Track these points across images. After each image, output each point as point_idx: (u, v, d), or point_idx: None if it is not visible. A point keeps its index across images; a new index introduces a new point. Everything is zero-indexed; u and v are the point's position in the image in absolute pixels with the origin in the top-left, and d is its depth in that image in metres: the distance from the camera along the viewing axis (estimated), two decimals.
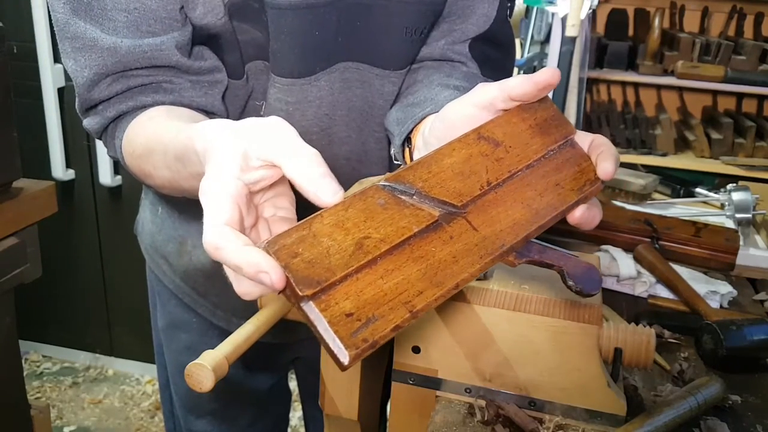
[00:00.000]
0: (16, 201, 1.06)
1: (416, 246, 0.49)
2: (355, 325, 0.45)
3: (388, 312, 0.46)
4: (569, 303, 0.66)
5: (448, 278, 0.49)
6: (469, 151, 0.56)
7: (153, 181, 0.68)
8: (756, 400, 0.76)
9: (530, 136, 0.59)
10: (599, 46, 2.62)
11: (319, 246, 0.46)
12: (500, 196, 0.55)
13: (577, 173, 0.59)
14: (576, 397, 0.67)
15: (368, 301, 0.46)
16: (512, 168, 0.56)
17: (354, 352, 0.44)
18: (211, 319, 0.96)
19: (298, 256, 0.45)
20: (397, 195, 0.50)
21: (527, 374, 0.68)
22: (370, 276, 0.47)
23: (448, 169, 0.54)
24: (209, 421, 1.04)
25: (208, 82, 0.74)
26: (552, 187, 0.57)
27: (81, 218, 2.27)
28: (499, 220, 0.54)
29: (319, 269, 0.45)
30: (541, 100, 0.61)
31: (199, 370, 0.55)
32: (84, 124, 0.76)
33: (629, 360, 0.67)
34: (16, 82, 1.05)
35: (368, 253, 0.47)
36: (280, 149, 0.48)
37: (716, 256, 1.07)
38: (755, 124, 2.57)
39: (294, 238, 0.45)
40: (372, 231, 0.48)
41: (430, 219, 0.50)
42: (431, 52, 0.86)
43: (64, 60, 0.71)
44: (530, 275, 0.71)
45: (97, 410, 2.28)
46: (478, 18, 0.85)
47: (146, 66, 0.70)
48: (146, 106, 0.71)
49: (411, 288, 0.47)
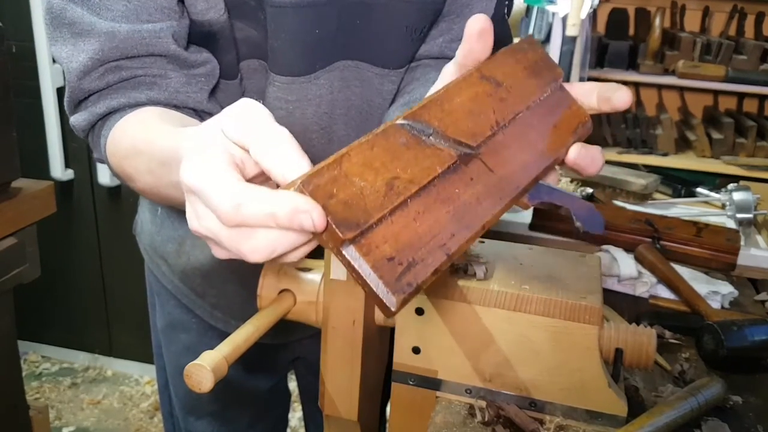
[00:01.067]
0: (15, 201, 1.06)
1: (441, 188, 0.48)
2: (398, 270, 0.43)
3: (426, 255, 0.45)
4: (569, 303, 0.65)
5: (475, 220, 0.49)
6: (475, 90, 0.55)
7: (135, 184, 0.66)
8: (757, 400, 0.75)
9: (525, 77, 0.59)
10: (600, 45, 2.62)
11: (352, 186, 0.43)
12: (508, 137, 0.55)
13: (570, 115, 0.60)
14: (576, 398, 0.67)
15: (406, 245, 0.45)
16: (515, 109, 0.57)
17: (401, 297, 0.43)
18: (209, 321, 0.96)
19: (333, 197, 0.42)
20: (416, 134, 0.49)
21: (528, 375, 0.67)
22: (404, 218, 0.45)
23: (459, 108, 0.53)
24: (208, 421, 1.04)
25: (204, 77, 0.73)
26: (551, 129, 0.58)
27: (80, 218, 2.27)
28: (510, 161, 0.54)
29: (357, 211, 0.43)
30: (530, 43, 0.61)
31: (198, 371, 0.55)
32: (71, 121, 0.73)
33: (630, 360, 0.66)
34: (15, 81, 1.05)
35: (400, 195, 0.45)
36: (249, 133, 0.45)
37: (717, 256, 1.07)
38: (756, 124, 2.57)
39: (327, 177, 0.43)
40: (400, 171, 0.46)
41: (451, 160, 0.50)
42: (429, 51, 0.86)
43: (57, 49, 0.69)
44: (531, 275, 0.70)
45: (96, 411, 2.27)
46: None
47: (143, 54, 0.68)
48: (139, 104, 0.69)
49: (443, 231, 0.47)
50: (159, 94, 0.70)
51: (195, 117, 0.72)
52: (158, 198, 0.65)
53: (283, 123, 0.80)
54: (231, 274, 0.90)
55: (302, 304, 0.71)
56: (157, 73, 0.70)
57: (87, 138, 0.74)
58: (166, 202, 0.63)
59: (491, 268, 0.71)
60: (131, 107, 0.69)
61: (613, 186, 1.43)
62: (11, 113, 1.04)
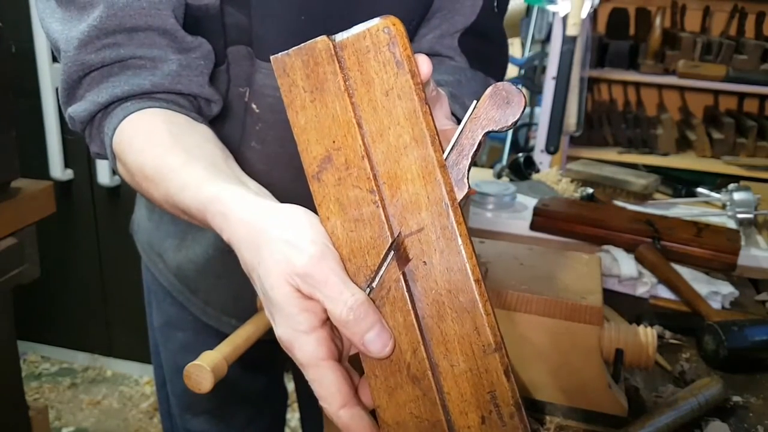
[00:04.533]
0: (15, 201, 1.06)
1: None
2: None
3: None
4: (570, 303, 0.65)
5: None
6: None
7: (142, 194, 0.65)
8: (757, 400, 0.75)
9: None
10: (600, 45, 2.62)
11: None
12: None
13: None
14: (577, 399, 0.67)
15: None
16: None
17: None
18: (202, 318, 0.96)
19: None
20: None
21: (528, 375, 0.67)
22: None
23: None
24: (206, 419, 1.04)
25: (202, 60, 0.72)
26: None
27: (79, 218, 2.27)
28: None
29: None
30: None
31: (198, 371, 0.55)
32: (69, 112, 0.69)
33: (630, 361, 0.66)
34: (15, 81, 1.05)
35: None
36: (323, 289, 0.44)
37: (718, 256, 1.06)
38: (757, 124, 2.57)
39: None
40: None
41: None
42: (419, 47, 0.86)
43: (52, 22, 0.67)
44: (531, 275, 0.70)
45: (95, 411, 2.27)
46: (465, 9, 0.85)
47: (142, 26, 0.66)
48: (143, 91, 0.67)
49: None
50: (162, 78, 0.68)
51: (193, 105, 0.71)
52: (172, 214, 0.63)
53: (272, 110, 0.79)
54: (222, 268, 0.90)
55: None
56: (157, 55, 0.68)
57: (83, 131, 0.71)
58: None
59: (491, 269, 0.71)
60: (135, 96, 0.67)
61: (613, 186, 1.43)
62: (11, 113, 1.03)
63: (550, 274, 0.71)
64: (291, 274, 0.44)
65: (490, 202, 1.27)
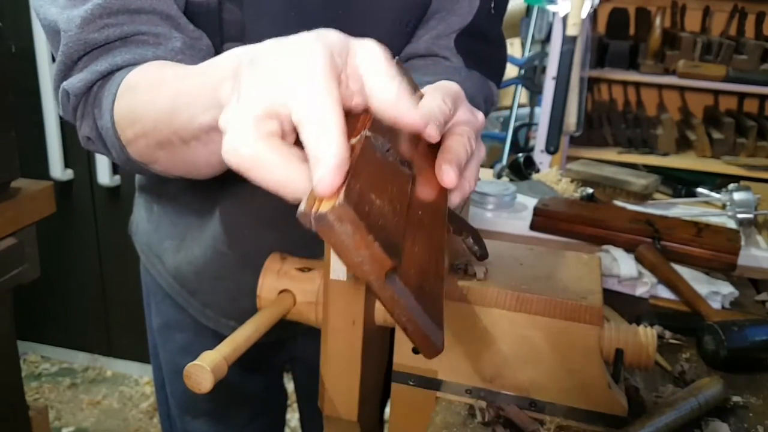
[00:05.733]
0: (14, 201, 1.06)
1: (413, 211, 0.44)
2: (428, 301, 0.38)
3: (433, 283, 0.40)
4: (570, 303, 0.65)
5: (441, 243, 0.46)
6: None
7: (148, 139, 0.59)
8: (758, 401, 0.75)
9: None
10: (600, 45, 2.62)
11: (374, 205, 0.37)
12: (419, 160, 0.50)
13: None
14: (577, 398, 0.67)
15: (423, 272, 0.39)
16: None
17: (443, 331, 0.38)
18: (201, 320, 0.96)
19: (369, 217, 0.35)
20: (380, 150, 0.44)
21: (528, 375, 0.67)
22: (411, 243, 0.40)
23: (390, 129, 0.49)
24: (205, 421, 1.04)
25: (205, 47, 0.72)
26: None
27: (79, 218, 2.27)
28: (431, 183, 0.48)
29: (390, 234, 0.36)
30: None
31: (198, 371, 0.55)
32: (63, 87, 0.65)
33: (630, 361, 0.66)
34: (15, 81, 1.05)
35: (402, 216, 0.41)
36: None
37: (718, 256, 1.06)
38: (757, 124, 2.57)
39: (357, 190, 0.36)
40: (390, 190, 0.41)
41: (408, 181, 0.45)
42: (417, 48, 0.86)
43: (50, 6, 0.65)
44: (531, 275, 0.70)
45: (95, 411, 2.27)
46: (461, 10, 0.85)
47: (146, 9, 0.65)
48: (146, 60, 0.64)
49: (431, 256, 0.42)
50: (165, 53, 0.65)
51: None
52: (169, 161, 0.59)
53: None
54: (222, 269, 0.90)
55: (302, 304, 0.70)
56: (162, 32, 0.66)
57: (75, 110, 0.67)
58: (181, 162, 0.58)
59: (491, 269, 0.71)
60: (136, 65, 0.63)
61: (613, 186, 1.43)
62: (11, 113, 1.03)
63: (550, 274, 0.71)
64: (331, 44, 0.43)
65: (490, 202, 1.27)
